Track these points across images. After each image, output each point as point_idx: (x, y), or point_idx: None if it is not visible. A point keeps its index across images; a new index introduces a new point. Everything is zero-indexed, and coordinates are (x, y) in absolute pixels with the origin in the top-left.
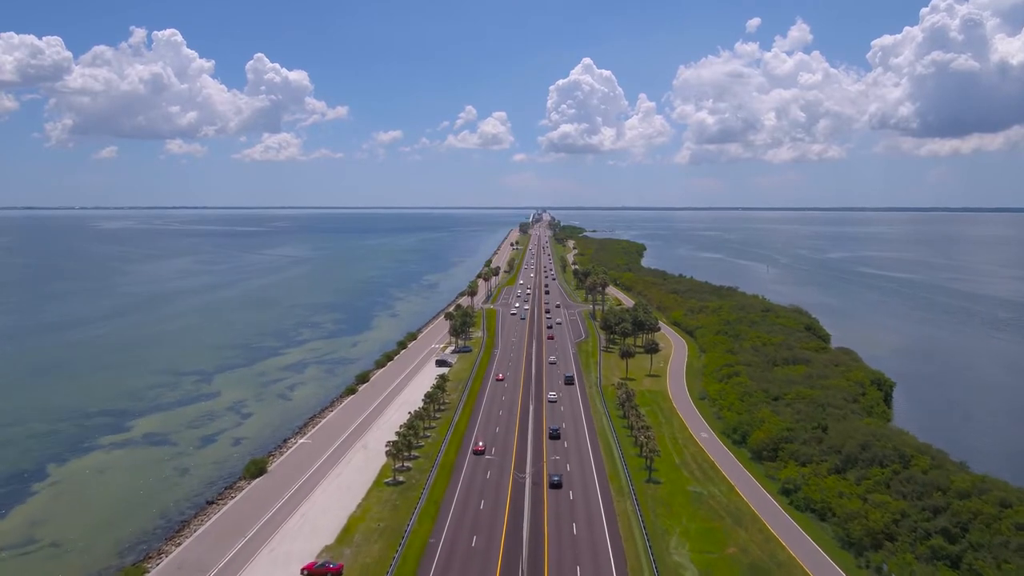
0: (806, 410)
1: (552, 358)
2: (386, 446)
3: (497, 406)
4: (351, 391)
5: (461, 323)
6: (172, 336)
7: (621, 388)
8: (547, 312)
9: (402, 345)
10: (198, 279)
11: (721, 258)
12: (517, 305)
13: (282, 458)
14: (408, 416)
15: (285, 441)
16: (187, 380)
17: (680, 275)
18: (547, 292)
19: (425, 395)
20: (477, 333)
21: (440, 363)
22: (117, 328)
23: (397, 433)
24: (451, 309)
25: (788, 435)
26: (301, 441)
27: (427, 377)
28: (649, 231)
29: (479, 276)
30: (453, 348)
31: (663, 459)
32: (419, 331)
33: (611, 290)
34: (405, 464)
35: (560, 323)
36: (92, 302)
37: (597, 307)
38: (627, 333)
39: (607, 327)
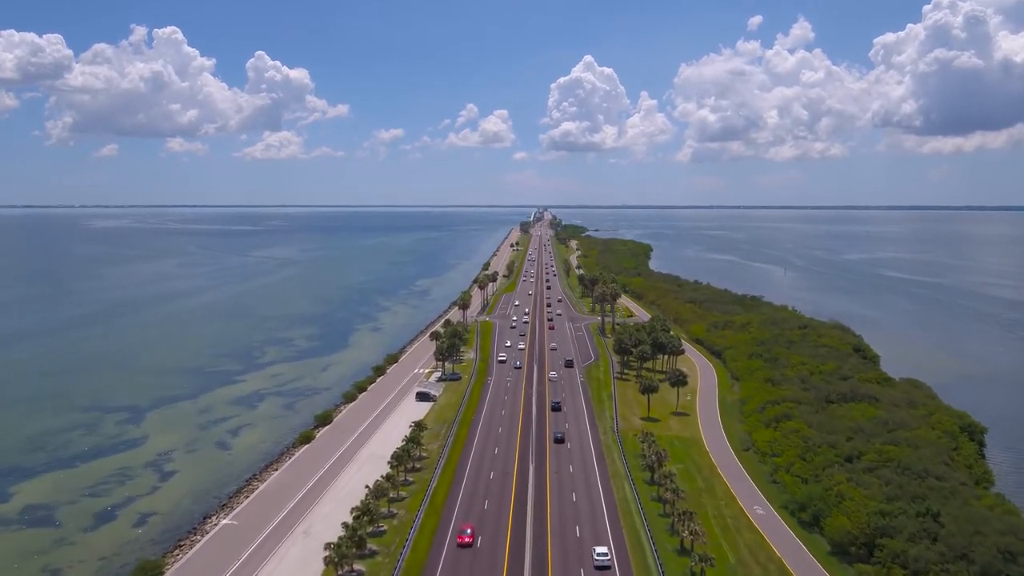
0: (898, 480)
1: (553, 344)
2: (325, 549)
3: (488, 467)
4: (306, 439)
5: (449, 345)
6: (116, 356)
7: (647, 441)
8: (548, 306)
9: (379, 371)
10: (172, 284)
11: (733, 260)
12: (508, 344)
13: (190, 554)
14: (365, 492)
15: (205, 520)
16: (110, 420)
17: (696, 281)
18: (548, 287)
19: (393, 455)
20: (469, 353)
21: (421, 396)
22: (55, 346)
23: (345, 525)
24: (439, 326)
25: (885, 523)
26: (224, 522)
27: (404, 415)
28: (653, 230)
29: (475, 282)
30: (439, 375)
31: (711, 551)
32: (402, 351)
33: (620, 298)
34: (354, 569)
35: (560, 315)
36: (43, 312)
37: (607, 319)
38: (646, 357)
39: (621, 350)
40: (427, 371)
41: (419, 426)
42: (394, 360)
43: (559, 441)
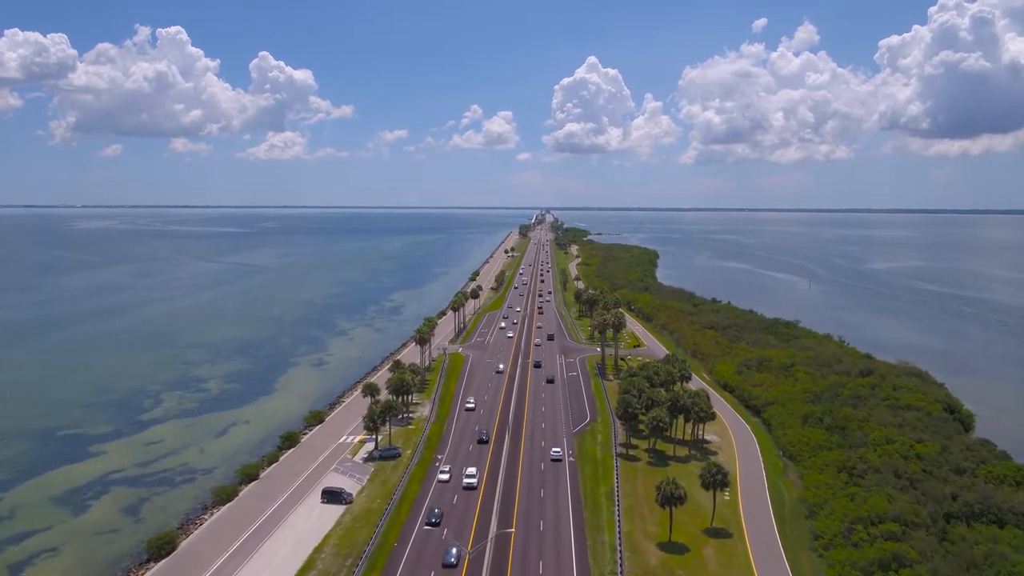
0: None
1: (539, 323)
2: None
3: None
4: None
5: (383, 410)
6: None
7: None
8: (540, 296)
9: (289, 440)
10: (108, 298)
11: (748, 268)
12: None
13: None
14: None
15: None
16: None
17: (713, 299)
18: (542, 281)
19: None
20: (423, 409)
21: (329, 496)
22: None
23: None
24: (387, 368)
25: None
26: None
27: (293, 535)
28: (659, 234)
29: (451, 305)
30: (371, 448)
31: None
32: (336, 402)
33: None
34: None
35: (550, 302)
36: None
37: (608, 351)
38: (661, 427)
39: (627, 415)
40: (357, 439)
41: None
42: (318, 419)
43: None
